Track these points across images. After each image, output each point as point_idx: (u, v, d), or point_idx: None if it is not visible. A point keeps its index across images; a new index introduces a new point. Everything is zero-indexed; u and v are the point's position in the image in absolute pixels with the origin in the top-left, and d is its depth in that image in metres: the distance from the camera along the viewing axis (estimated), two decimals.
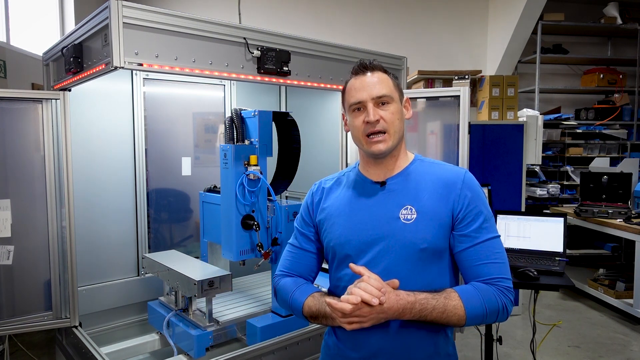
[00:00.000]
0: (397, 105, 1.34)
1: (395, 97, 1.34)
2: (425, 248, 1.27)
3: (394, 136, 1.31)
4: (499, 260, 1.28)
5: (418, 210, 1.29)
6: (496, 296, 1.25)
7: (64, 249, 2.39)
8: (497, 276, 1.27)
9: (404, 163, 1.38)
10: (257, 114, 2.33)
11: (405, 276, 1.28)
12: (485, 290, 1.25)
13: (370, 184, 1.37)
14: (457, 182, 1.31)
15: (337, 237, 1.36)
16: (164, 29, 1.86)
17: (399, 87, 1.39)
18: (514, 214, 2.74)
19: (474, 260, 1.28)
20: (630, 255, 4.29)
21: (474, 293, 1.24)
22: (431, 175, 1.34)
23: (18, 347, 3.11)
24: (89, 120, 2.74)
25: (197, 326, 2.31)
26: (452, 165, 1.38)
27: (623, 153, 6.09)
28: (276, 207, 2.40)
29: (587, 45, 6.49)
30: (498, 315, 1.27)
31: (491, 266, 1.27)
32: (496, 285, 1.26)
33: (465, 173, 1.33)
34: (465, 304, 1.23)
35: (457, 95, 2.73)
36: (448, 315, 1.22)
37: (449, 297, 1.23)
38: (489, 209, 1.33)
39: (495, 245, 1.29)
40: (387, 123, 1.30)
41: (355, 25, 5.90)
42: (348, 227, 1.35)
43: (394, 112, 1.32)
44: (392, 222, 1.30)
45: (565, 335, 3.81)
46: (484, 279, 1.27)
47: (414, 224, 1.28)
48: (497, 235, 1.31)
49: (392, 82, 1.36)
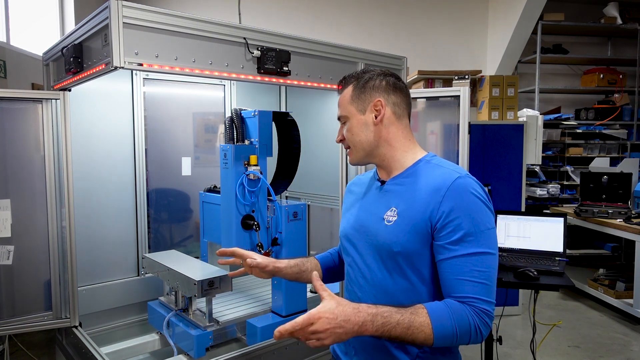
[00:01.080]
0: (354, 119, 1.36)
1: (350, 112, 1.37)
2: (399, 251, 1.24)
3: (356, 150, 1.38)
4: (478, 279, 1.16)
5: (399, 213, 1.27)
6: (469, 316, 1.15)
7: (64, 249, 2.39)
8: (473, 296, 1.16)
9: (407, 163, 1.36)
10: (257, 114, 2.33)
11: (383, 276, 1.29)
12: (457, 309, 1.15)
13: (375, 182, 1.43)
14: (442, 188, 1.21)
15: (342, 229, 1.47)
16: (164, 29, 1.86)
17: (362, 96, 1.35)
18: (514, 214, 2.74)
19: (450, 274, 1.19)
20: (630, 255, 4.29)
21: (444, 310, 1.15)
22: (426, 177, 1.29)
23: (18, 347, 3.11)
24: (89, 120, 2.74)
25: (197, 326, 2.30)
26: (450, 169, 1.28)
27: (623, 153, 6.09)
28: (276, 207, 2.40)
29: (587, 45, 6.49)
30: (470, 337, 1.16)
31: (467, 284, 1.16)
32: (471, 305, 1.16)
33: (456, 179, 1.22)
34: (433, 321, 1.13)
35: (457, 95, 2.74)
36: (414, 332, 1.12)
37: (416, 313, 1.14)
38: (478, 221, 1.19)
39: (477, 262, 1.17)
40: (348, 140, 1.39)
41: (355, 25, 5.90)
42: (350, 221, 1.43)
43: (350, 128, 1.37)
44: (378, 222, 1.32)
45: (565, 335, 3.81)
46: (458, 295, 1.17)
47: (392, 226, 1.27)
48: (486, 252, 1.18)
49: (348, 97, 1.37)
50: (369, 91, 1.36)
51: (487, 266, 1.18)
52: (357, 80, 1.38)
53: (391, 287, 1.27)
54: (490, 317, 1.17)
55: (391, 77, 1.39)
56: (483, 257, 1.18)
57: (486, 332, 1.17)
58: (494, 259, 1.20)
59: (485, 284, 1.17)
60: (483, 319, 1.16)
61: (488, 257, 1.19)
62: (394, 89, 1.38)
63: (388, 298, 1.28)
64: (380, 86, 1.36)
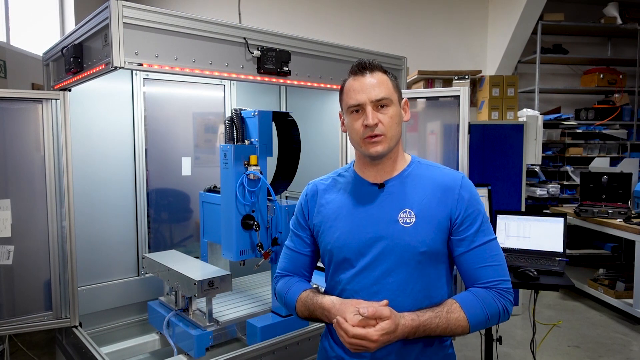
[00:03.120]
0: (396, 108, 1.31)
1: (394, 99, 1.31)
2: (425, 251, 1.27)
3: (391, 140, 1.29)
4: (496, 263, 1.29)
5: (417, 214, 1.29)
6: (495, 300, 1.26)
7: (64, 249, 2.39)
8: (496, 279, 1.28)
9: (401, 165, 1.36)
10: (257, 114, 2.33)
11: (404, 279, 1.28)
12: (484, 296, 1.26)
13: (368, 186, 1.35)
14: (455, 186, 1.31)
15: (334, 241, 1.34)
16: (164, 29, 1.86)
17: (399, 89, 1.36)
18: (514, 214, 2.74)
19: (473, 264, 1.29)
20: (630, 255, 4.29)
21: (474, 301, 1.26)
22: (429, 178, 1.34)
23: (18, 347, 3.11)
24: (89, 120, 2.74)
25: (197, 326, 2.31)
26: (449, 169, 1.38)
27: (623, 153, 6.09)
28: (276, 207, 2.40)
29: (587, 45, 6.49)
30: (499, 318, 1.28)
31: (489, 269, 1.29)
32: (495, 288, 1.27)
33: (462, 177, 1.34)
34: (467, 313, 1.24)
35: (457, 95, 2.73)
36: (452, 328, 1.23)
37: (451, 311, 1.24)
38: (483, 212, 1.33)
39: (492, 248, 1.30)
40: (385, 127, 1.28)
41: (355, 25, 5.90)
42: (346, 230, 1.33)
43: (392, 115, 1.29)
44: (391, 225, 1.29)
45: (565, 335, 3.81)
46: (483, 282, 1.28)
47: (413, 228, 1.28)
48: (494, 237, 1.32)
49: (391, 83, 1.32)
50: (399, 88, 1.38)
51: (498, 250, 1.33)
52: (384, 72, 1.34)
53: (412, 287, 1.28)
54: (511, 293, 1.31)
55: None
56: (494, 243, 1.32)
57: (511, 308, 1.30)
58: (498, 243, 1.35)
59: (502, 265, 1.31)
60: (507, 297, 1.29)
61: (496, 241, 1.33)
62: None
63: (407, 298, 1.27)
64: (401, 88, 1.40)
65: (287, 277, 1.47)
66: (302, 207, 1.45)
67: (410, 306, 1.27)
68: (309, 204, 1.43)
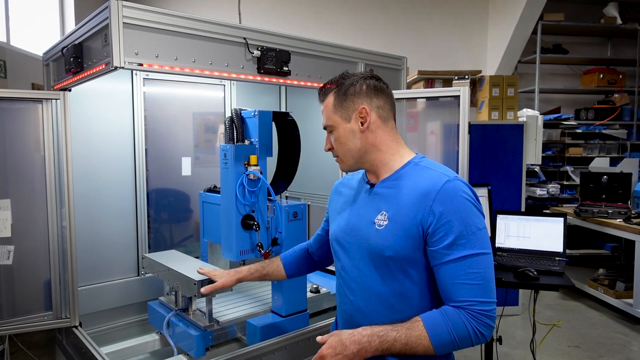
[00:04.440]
0: (340, 128, 1.35)
1: (335, 121, 1.36)
2: (391, 256, 1.24)
3: (346, 158, 1.37)
4: (473, 281, 1.17)
5: (390, 218, 1.26)
6: (465, 322, 1.16)
7: (64, 249, 2.39)
8: (470, 299, 1.16)
9: (395, 165, 1.34)
10: (257, 114, 2.33)
11: (375, 280, 1.29)
12: (452, 317, 1.17)
13: (365, 184, 1.41)
14: (431, 192, 1.20)
15: (333, 232, 1.46)
16: (164, 29, 1.86)
17: (343, 106, 1.34)
18: (514, 214, 2.74)
19: (446, 279, 1.19)
20: (630, 255, 4.29)
21: (439, 321, 1.17)
22: (414, 181, 1.27)
23: (18, 347, 3.11)
24: (89, 120, 2.74)
25: (197, 326, 2.30)
26: (439, 172, 1.26)
27: (623, 153, 6.09)
28: (276, 207, 2.40)
29: (587, 45, 6.49)
30: (471, 341, 1.18)
31: (462, 287, 1.17)
32: (467, 309, 1.17)
33: (445, 183, 1.21)
34: (430, 333, 1.16)
35: (457, 95, 2.73)
36: (412, 346, 1.17)
37: (412, 327, 1.18)
38: (469, 222, 1.19)
39: (471, 264, 1.17)
40: (335, 150, 1.38)
41: (355, 25, 5.91)
42: (342, 224, 1.42)
43: (337, 138, 1.37)
44: (368, 225, 1.31)
45: (565, 335, 3.81)
46: (455, 301, 1.18)
47: (383, 231, 1.27)
48: (478, 252, 1.18)
49: (331, 105, 1.36)
50: (350, 98, 1.34)
51: (482, 267, 1.18)
52: (338, 87, 1.36)
53: (383, 290, 1.28)
54: (490, 317, 1.18)
55: (372, 79, 1.36)
56: (477, 259, 1.18)
57: (488, 332, 1.18)
58: (489, 258, 1.20)
59: (481, 285, 1.17)
60: (482, 320, 1.17)
61: (482, 257, 1.19)
62: (376, 91, 1.34)
63: (380, 301, 1.29)
64: (362, 91, 1.33)
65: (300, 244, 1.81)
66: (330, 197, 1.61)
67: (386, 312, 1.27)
68: (330, 196, 1.60)
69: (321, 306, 2.68)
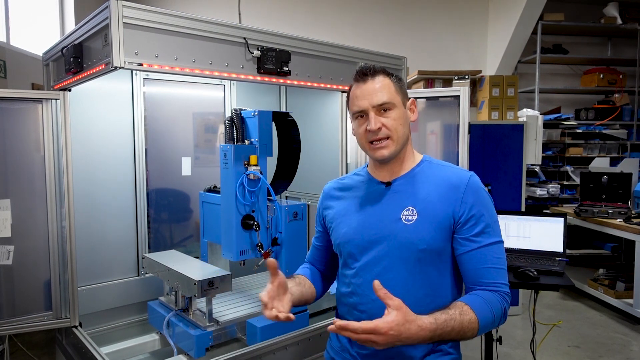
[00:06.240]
0: (400, 110, 1.34)
1: (397, 101, 1.33)
2: (424, 249, 1.28)
3: (397, 142, 1.33)
4: (499, 266, 1.29)
5: (419, 212, 1.30)
6: (499, 302, 1.27)
7: (64, 249, 2.39)
8: (499, 282, 1.28)
9: (410, 164, 1.39)
10: (257, 114, 2.33)
11: (404, 276, 1.30)
12: (490, 299, 1.26)
13: (377, 184, 1.40)
14: (461, 185, 1.30)
15: (342, 236, 1.41)
16: (164, 29, 1.86)
17: (403, 90, 1.37)
18: (514, 214, 2.74)
19: (476, 264, 1.29)
20: (630, 255, 4.29)
21: (482, 303, 1.25)
22: (436, 177, 1.35)
23: (18, 347, 3.11)
24: (89, 120, 2.74)
25: (197, 326, 2.30)
26: (459, 168, 1.39)
27: (623, 153, 6.09)
28: (276, 207, 2.40)
29: (587, 45, 6.49)
30: (501, 320, 1.30)
31: (492, 271, 1.28)
32: (498, 291, 1.27)
33: (470, 176, 1.33)
34: (479, 316, 1.23)
35: (457, 95, 2.73)
36: (465, 332, 1.21)
37: (464, 313, 1.22)
38: (492, 213, 1.32)
39: (496, 251, 1.30)
40: (390, 130, 1.32)
41: (355, 25, 5.90)
42: (353, 226, 1.39)
43: (396, 118, 1.32)
44: (394, 222, 1.32)
45: (565, 335, 3.81)
46: (487, 283, 1.28)
47: (414, 225, 1.30)
48: (500, 240, 1.31)
49: (394, 86, 1.34)
50: (405, 88, 1.40)
51: (503, 253, 1.32)
52: (386, 73, 1.36)
53: (411, 284, 1.30)
54: (510, 298, 1.31)
55: None
56: (500, 246, 1.31)
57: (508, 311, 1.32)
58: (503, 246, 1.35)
59: (504, 269, 1.30)
60: (508, 301, 1.30)
61: (502, 245, 1.32)
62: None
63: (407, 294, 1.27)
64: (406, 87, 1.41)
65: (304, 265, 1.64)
66: (319, 205, 1.57)
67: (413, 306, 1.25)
68: (322, 203, 1.56)
69: (321, 306, 2.68)
